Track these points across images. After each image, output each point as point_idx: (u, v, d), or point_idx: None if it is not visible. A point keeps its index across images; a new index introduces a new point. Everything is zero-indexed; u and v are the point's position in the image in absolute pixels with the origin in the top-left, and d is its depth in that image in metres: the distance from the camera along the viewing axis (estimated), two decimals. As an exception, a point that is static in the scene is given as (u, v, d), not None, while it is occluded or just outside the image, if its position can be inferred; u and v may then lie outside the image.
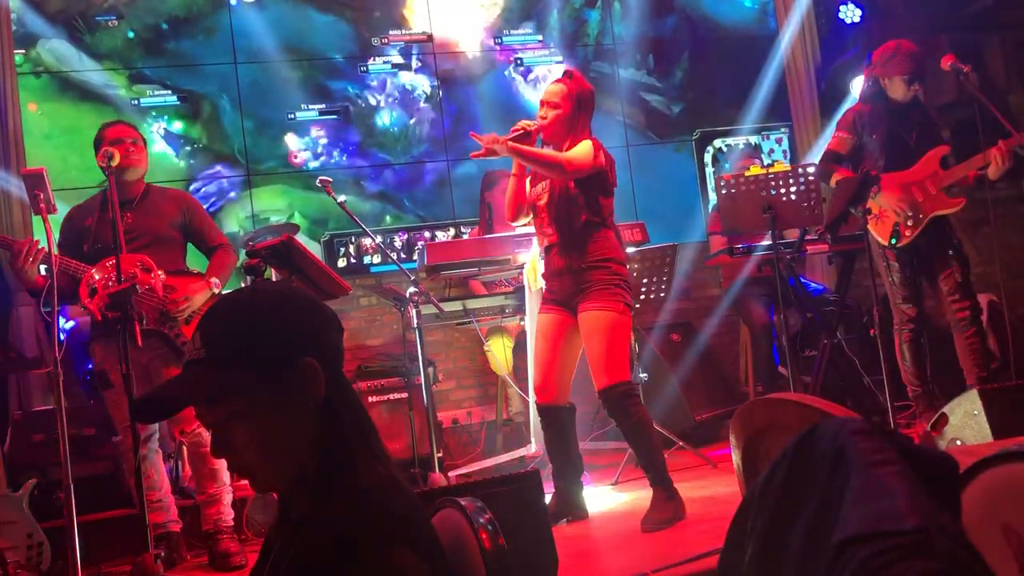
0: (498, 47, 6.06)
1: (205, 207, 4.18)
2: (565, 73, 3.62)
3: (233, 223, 5.49)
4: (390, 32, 5.89)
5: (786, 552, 1.00)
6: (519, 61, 6.10)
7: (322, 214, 5.62)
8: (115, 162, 3.42)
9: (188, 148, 5.49)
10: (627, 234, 4.20)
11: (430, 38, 5.96)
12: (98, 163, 3.59)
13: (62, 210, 3.78)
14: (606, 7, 6.26)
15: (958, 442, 3.24)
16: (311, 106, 5.70)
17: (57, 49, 5.26)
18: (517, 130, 3.45)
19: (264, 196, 5.56)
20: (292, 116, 5.66)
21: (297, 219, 5.56)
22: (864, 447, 0.98)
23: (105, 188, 3.60)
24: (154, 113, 5.45)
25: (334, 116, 5.74)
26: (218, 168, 5.51)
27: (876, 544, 0.89)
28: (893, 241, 4.01)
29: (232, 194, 5.51)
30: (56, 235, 3.63)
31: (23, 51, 5.20)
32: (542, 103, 3.51)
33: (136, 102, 5.39)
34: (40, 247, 3.46)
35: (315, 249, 5.46)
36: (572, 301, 3.41)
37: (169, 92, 5.46)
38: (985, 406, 3.18)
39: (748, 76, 6.34)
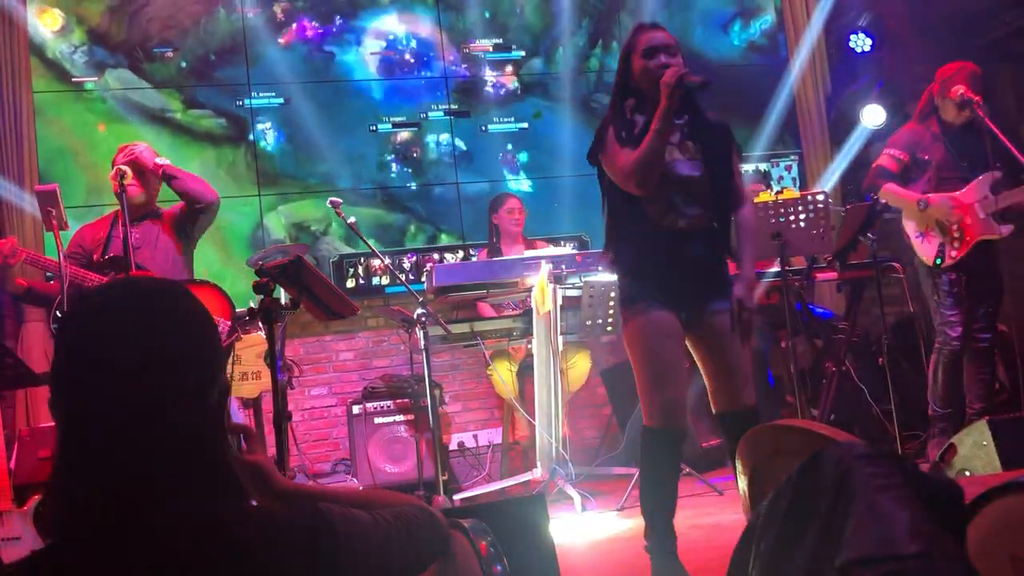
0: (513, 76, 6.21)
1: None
2: (650, 24, 2.87)
3: (279, 230, 5.73)
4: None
5: (790, 575, 1.00)
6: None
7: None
8: (127, 180, 3.52)
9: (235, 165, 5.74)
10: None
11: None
12: (111, 180, 3.74)
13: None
14: (606, 46, 6.36)
15: (967, 473, 3.22)
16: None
17: (122, 76, 5.61)
18: (695, 79, 2.67)
19: (303, 208, 5.79)
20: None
21: (334, 228, 5.78)
22: (869, 472, 0.98)
23: (117, 207, 3.73)
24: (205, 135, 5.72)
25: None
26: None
27: (878, 568, 0.89)
28: (938, 262, 4.00)
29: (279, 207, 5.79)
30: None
31: (95, 79, 5.54)
32: (655, 49, 2.73)
33: (190, 125, 5.68)
34: (20, 248, 3.56)
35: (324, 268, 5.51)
36: (695, 303, 2.74)
37: (219, 116, 5.73)
38: (994, 437, 3.16)
39: (747, 103, 6.36)
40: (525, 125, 6.17)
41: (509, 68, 6.22)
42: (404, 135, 5.98)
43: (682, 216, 2.72)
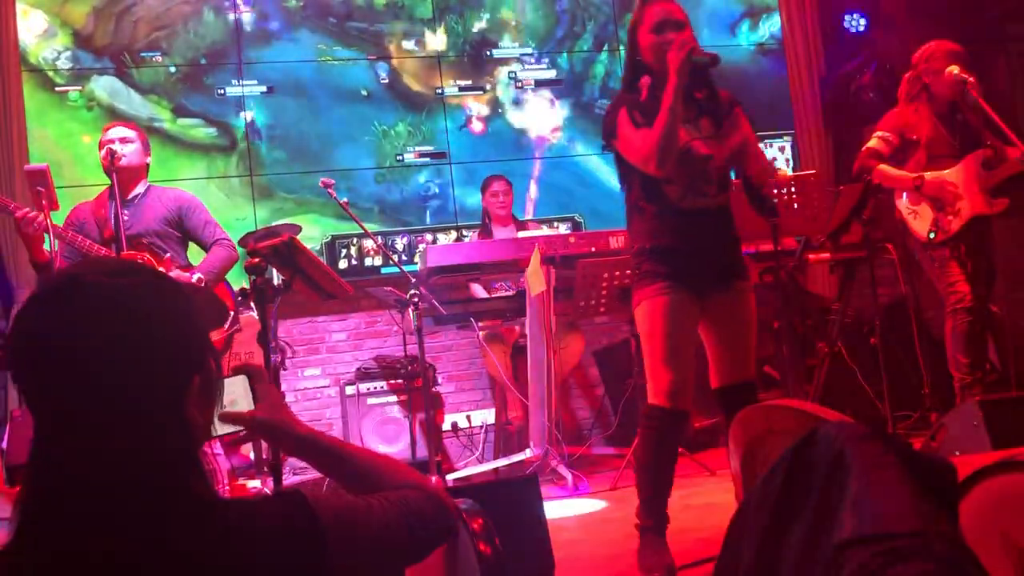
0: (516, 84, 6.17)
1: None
2: None
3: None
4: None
5: (784, 555, 1.00)
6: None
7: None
8: (117, 158, 3.50)
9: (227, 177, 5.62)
10: (615, 241, 4.21)
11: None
12: (101, 161, 3.70)
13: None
14: (612, 52, 6.30)
15: (957, 452, 3.24)
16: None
17: (108, 85, 5.47)
18: (705, 55, 2.60)
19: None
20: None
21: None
22: (863, 451, 0.98)
23: (109, 186, 3.71)
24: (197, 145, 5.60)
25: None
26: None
27: (873, 546, 0.89)
28: (932, 236, 4.02)
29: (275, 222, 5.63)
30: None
31: (79, 88, 5.42)
32: (664, 24, 2.67)
33: (180, 135, 5.56)
34: (39, 219, 3.48)
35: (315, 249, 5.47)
36: (715, 281, 2.73)
37: (209, 125, 5.60)
38: (985, 417, 3.17)
39: (741, 84, 6.34)
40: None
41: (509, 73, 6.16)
42: (404, 140, 5.90)
43: (701, 195, 2.70)
